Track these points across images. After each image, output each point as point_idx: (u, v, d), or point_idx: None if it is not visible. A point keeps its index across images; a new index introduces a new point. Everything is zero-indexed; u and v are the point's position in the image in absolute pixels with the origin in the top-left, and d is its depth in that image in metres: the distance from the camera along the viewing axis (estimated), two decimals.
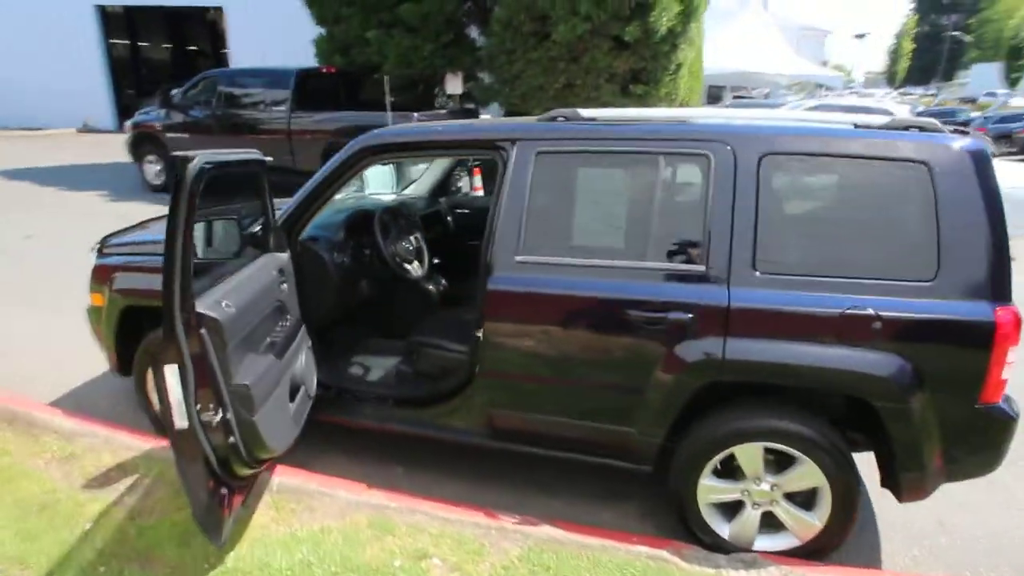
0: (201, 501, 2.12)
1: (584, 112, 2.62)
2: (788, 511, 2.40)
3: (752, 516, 2.44)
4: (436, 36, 10.57)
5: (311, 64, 10.91)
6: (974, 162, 2.14)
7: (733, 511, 2.48)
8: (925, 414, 2.16)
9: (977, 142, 2.18)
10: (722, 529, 2.48)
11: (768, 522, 2.45)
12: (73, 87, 19.66)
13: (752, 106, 18.10)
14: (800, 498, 2.40)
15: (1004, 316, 2.08)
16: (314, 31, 11.84)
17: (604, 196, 2.74)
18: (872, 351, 2.16)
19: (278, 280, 2.65)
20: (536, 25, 9.43)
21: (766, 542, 2.45)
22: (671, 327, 2.33)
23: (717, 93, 24.81)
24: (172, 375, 1.98)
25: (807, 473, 2.31)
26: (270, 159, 2.74)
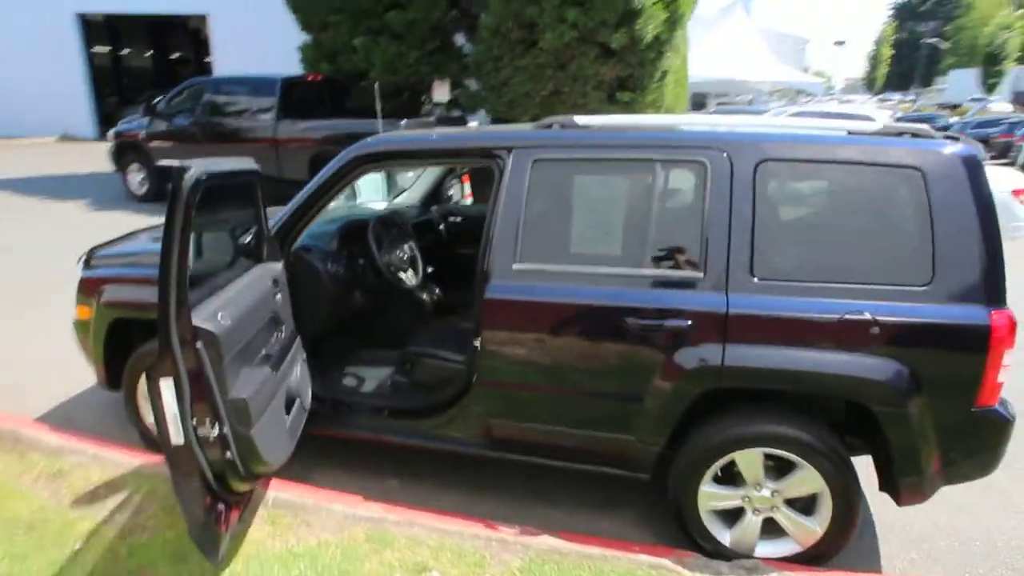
0: (197, 518, 2.07)
1: (580, 119, 2.62)
2: (789, 517, 2.40)
3: (753, 522, 2.43)
4: (422, 43, 10.58)
5: (296, 72, 10.85)
6: (967, 167, 2.17)
7: (734, 518, 2.48)
8: (923, 418, 2.18)
9: (969, 148, 2.21)
10: (723, 536, 2.47)
11: (769, 528, 2.44)
12: (54, 95, 19.44)
13: (736, 113, 18.30)
14: (800, 504, 2.40)
15: (999, 320, 2.10)
16: (300, 38, 11.79)
17: (601, 204, 2.73)
18: (870, 356, 2.17)
19: (272, 291, 2.62)
20: (523, 32, 9.45)
21: (767, 548, 2.45)
22: (669, 334, 2.33)
23: (701, 100, 25.09)
24: (168, 389, 1.94)
25: (807, 478, 2.31)
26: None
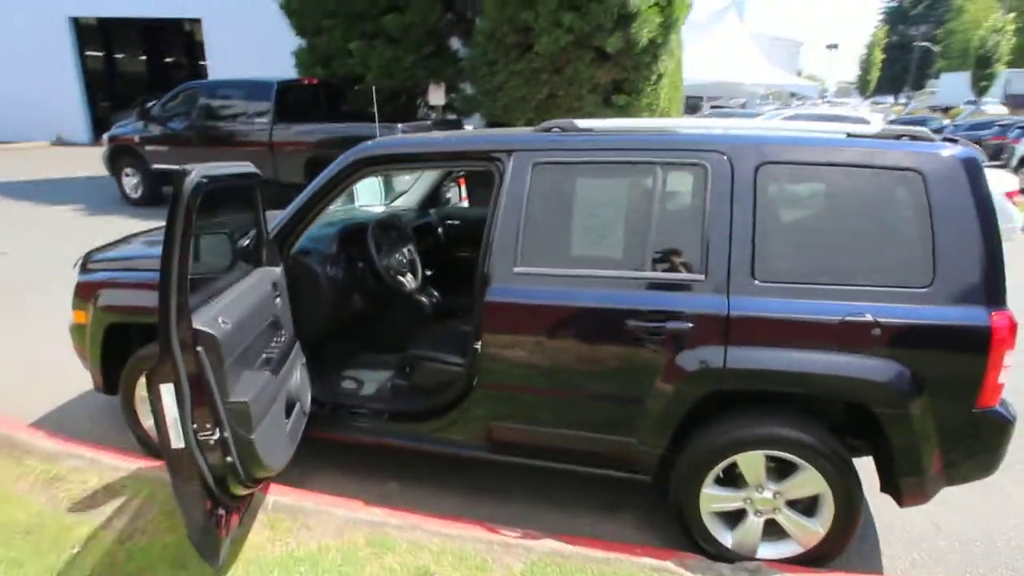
0: (197, 522, 2.06)
1: (580, 123, 2.62)
2: (791, 518, 2.40)
3: (755, 524, 2.43)
4: (418, 47, 10.59)
5: (291, 76, 10.84)
6: (966, 170, 2.18)
7: (735, 520, 2.47)
8: (924, 419, 2.18)
9: (969, 150, 2.22)
10: (725, 538, 2.47)
11: (771, 530, 2.44)
12: (47, 99, 19.37)
13: (730, 116, 18.38)
14: (802, 505, 2.41)
15: (1000, 321, 2.11)
16: (294, 42, 11.78)
17: (602, 206, 2.73)
18: (871, 357, 2.18)
19: (272, 295, 2.60)
20: (519, 37, 9.46)
21: (769, 550, 2.45)
22: (671, 337, 2.33)
23: (695, 103, 25.17)
24: (168, 393, 1.93)
25: (809, 480, 2.31)
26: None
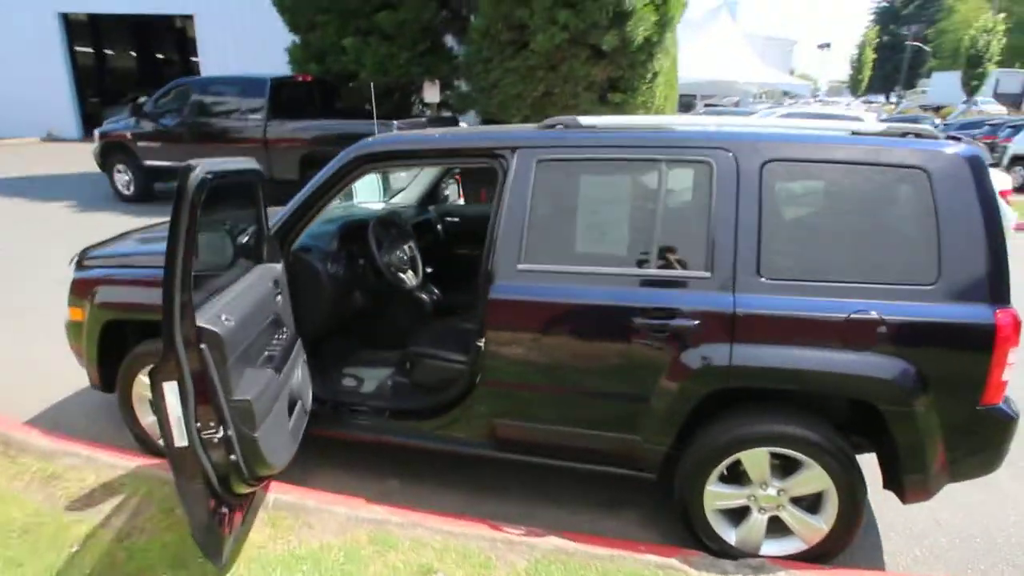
0: (201, 521, 2.04)
1: (583, 120, 2.61)
2: (794, 515, 2.40)
3: (759, 521, 2.43)
4: (413, 44, 10.54)
5: (284, 72, 10.77)
6: (971, 168, 2.18)
7: (739, 517, 2.48)
8: (929, 416, 2.19)
9: (973, 148, 2.22)
10: (729, 535, 2.47)
11: (774, 527, 2.44)
12: (36, 95, 19.18)
13: (724, 114, 18.42)
14: (806, 502, 2.41)
15: (1004, 318, 2.12)
16: (287, 39, 11.70)
17: (606, 203, 2.72)
18: (876, 355, 2.18)
19: (273, 292, 2.58)
20: (514, 34, 9.43)
21: (773, 547, 2.45)
22: (677, 334, 2.32)
23: (689, 101, 25.22)
24: (171, 392, 1.91)
25: (813, 477, 2.31)
26: None
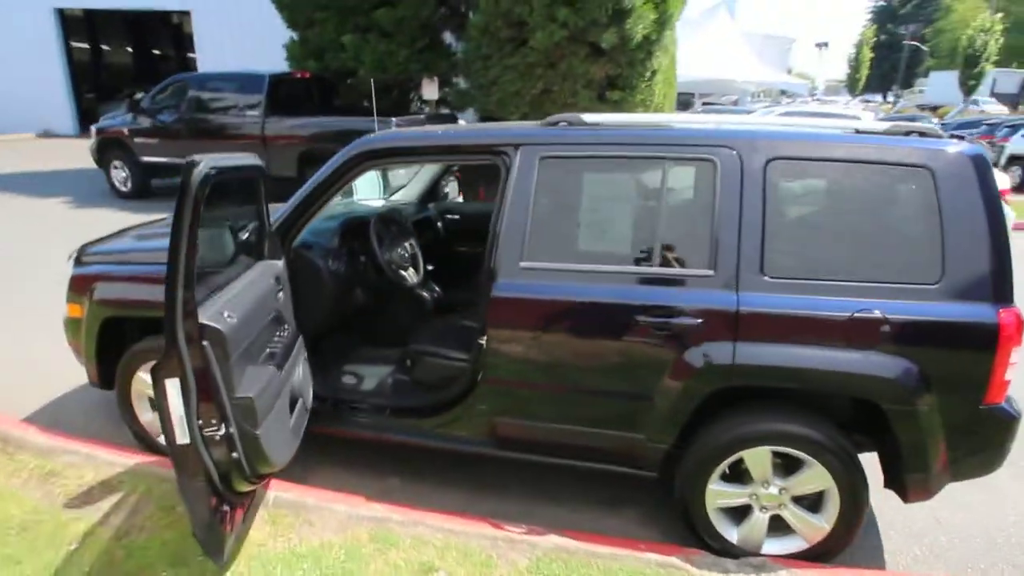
0: (203, 518, 2.03)
1: (587, 117, 2.60)
2: (796, 514, 2.40)
3: (760, 520, 2.43)
4: (411, 41, 10.52)
5: (282, 69, 10.73)
6: (975, 166, 2.18)
7: (741, 515, 2.48)
8: (931, 415, 2.19)
9: (977, 147, 2.22)
10: (730, 533, 2.47)
11: (776, 525, 2.44)
12: (32, 91, 19.07)
13: (723, 112, 18.43)
14: (807, 501, 2.41)
15: (1007, 318, 2.12)
16: (285, 35, 11.67)
17: (609, 201, 2.72)
18: (880, 354, 2.18)
19: (275, 289, 2.57)
20: (513, 31, 9.42)
21: (774, 546, 2.45)
22: (680, 332, 2.32)
23: (687, 100, 25.22)
24: (173, 389, 1.90)
25: (815, 476, 2.31)
26: None
